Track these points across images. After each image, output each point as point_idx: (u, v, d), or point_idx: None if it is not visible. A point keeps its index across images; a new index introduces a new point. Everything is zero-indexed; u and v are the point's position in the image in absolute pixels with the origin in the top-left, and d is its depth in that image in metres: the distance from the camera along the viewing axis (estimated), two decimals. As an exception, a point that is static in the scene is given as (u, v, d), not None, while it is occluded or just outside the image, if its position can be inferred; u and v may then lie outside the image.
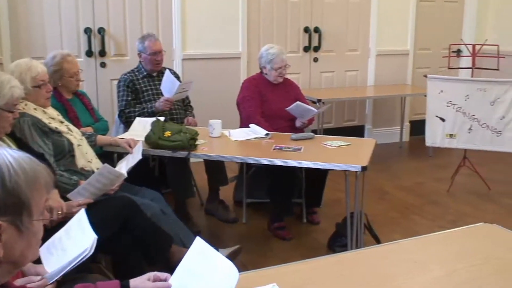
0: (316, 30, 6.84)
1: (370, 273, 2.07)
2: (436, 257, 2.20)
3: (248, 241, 4.36)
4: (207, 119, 4.48)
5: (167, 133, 3.92)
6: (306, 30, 6.79)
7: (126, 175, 3.50)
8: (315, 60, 6.92)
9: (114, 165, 3.71)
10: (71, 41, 5.69)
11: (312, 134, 4.39)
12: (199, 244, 1.88)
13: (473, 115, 5.54)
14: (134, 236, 3.17)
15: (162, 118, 4.19)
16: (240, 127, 4.70)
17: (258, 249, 4.26)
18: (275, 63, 4.70)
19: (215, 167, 4.77)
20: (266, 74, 4.79)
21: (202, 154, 4.03)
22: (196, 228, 4.36)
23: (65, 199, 3.09)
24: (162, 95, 4.69)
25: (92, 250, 2.16)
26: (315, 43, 6.86)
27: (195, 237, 1.94)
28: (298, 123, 4.74)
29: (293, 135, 4.27)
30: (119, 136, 4.21)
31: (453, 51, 7.46)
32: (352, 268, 2.11)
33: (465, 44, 6.33)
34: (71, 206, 3.02)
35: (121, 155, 3.93)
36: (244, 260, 3.92)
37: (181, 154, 3.89)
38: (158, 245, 3.29)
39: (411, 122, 7.78)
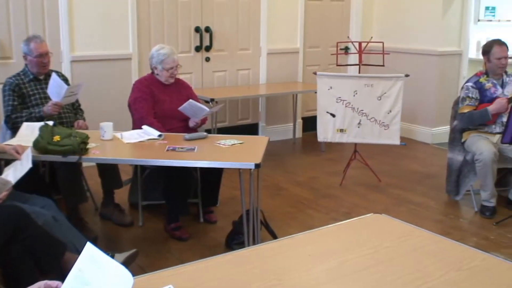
0: (207, 29, 6.84)
1: (266, 268, 2.09)
2: (330, 249, 2.27)
3: (145, 244, 4.31)
4: (98, 121, 4.37)
5: (56, 138, 3.78)
6: (197, 29, 6.78)
7: (13, 182, 3.35)
8: (207, 59, 6.92)
9: (0, 173, 3.54)
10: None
11: (205, 133, 4.38)
12: (89, 250, 1.82)
13: (362, 110, 5.73)
14: (25, 246, 3.06)
15: (50, 123, 4.04)
16: (133, 128, 4.62)
17: (155, 251, 4.21)
18: (166, 63, 4.66)
19: (108, 171, 4.66)
20: (157, 74, 4.74)
21: (94, 158, 3.93)
22: (91, 234, 4.25)
23: None
24: (50, 99, 4.53)
25: None
26: (206, 42, 6.86)
27: (92, 243, 1.88)
28: (191, 123, 4.72)
29: (186, 135, 4.25)
30: (6, 143, 4.03)
31: (341, 49, 7.71)
32: (249, 265, 2.12)
33: (352, 42, 6.55)
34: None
35: (9, 162, 3.75)
36: (141, 263, 3.87)
37: (72, 158, 3.77)
38: (50, 254, 3.18)
39: (303, 118, 7.95)
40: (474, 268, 2.12)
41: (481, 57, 5.28)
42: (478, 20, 10.06)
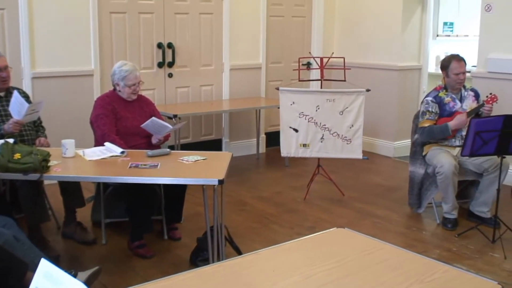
0: (170, 45, 6.83)
1: (231, 284, 2.09)
2: (294, 264, 2.27)
3: (108, 262, 4.25)
4: (60, 139, 4.31)
5: (17, 155, 3.72)
6: (160, 45, 6.77)
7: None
8: (170, 75, 6.90)
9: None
10: None
11: (168, 150, 4.36)
12: (44, 267, 1.78)
13: (324, 125, 5.78)
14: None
15: (11, 140, 3.98)
16: (95, 145, 4.57)
17: (119, 270, 4.16)
18: (128, 80, 4.63)
19: (70, 188, 4.60)
20: (119, 91, 4.71)
21: (56, 176, 3.89)
22: (54, 253, 4.19)
23: None
24: (11, 116, 4.46)
25: None
26: (169, 58, 6.85)
27: (54, 262, 1.84)
28: (154, 140, 4.70)
29: (149, 152, 4.23)
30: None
31: (303, 64, 7.78)
32: (214, 281, 2.12)
33: (313, 57, 6.61)
34: None
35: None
36: (105, 281, 3.83)
37: (33, 176, 3.72)
38: (12, 274, 3.12)
39: (266, 133, 7.98)
40: (436, 280, 2.15)
41: (440, 71, 5.38)
42: (437, 35, 10.26)
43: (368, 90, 5.83)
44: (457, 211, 5.14)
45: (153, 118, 4.52)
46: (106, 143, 4.35)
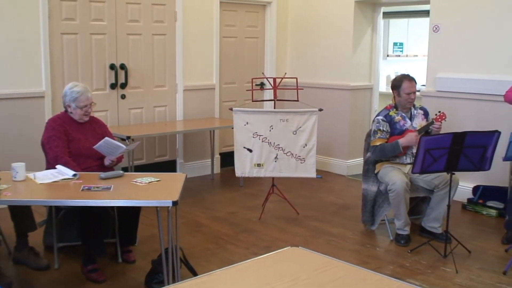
0: (122, 66, 6.79)
1: (185, 306, 2.07)
2: (249, 284, 2.27)
3: (62, 287, 4.17)
4: (10, 162, 4.23)
5: (-35, 180, 3.64)
6: (112, 67, 6.72)
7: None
8: (123, 97, 6.85)
9: None
10: None
11: (121, 172, 4.32)
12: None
13: (278, 145, 5.82)
14: None
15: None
16: (47, 168, 4.50)
17: (72, 295, 4.09)
18: (80, 101, 4.59)
19: (21, 213, 4.51)
20: (71, 113, 4.65)
21: (6, 200, 3.79)
22: (5, 280, 4.09)
23: None
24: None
25: None
26: (121, 80, 6.81)
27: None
28: (107, 162, 4.65)
29: (102, 174, 4.18)
30: None
31: (256, 84, 7.84)
32: (168, 304, 2.10)
33: (266, 78, 6.67)
34: None
35: None
36: (57, 308, 3.74)
37: (-19, 201, 3.63)
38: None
39: (221, 154, 7.98)
40: (389, 296, 2.19)
41: (390, 90, 5.49)
42: (387, 56, 10.51)
43: (320, 110, 5.90)
44: (410, 227, 5.23)
45: (106, 138, 4.48)
46: (58, 166, 4.29)
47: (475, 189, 6.33)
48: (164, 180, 4.18)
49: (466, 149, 4.56)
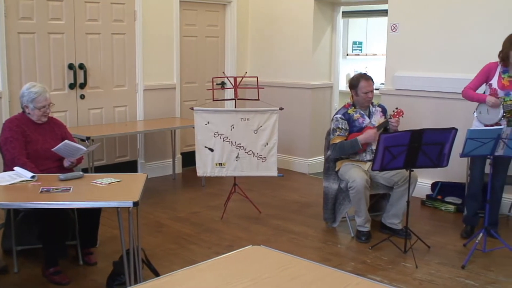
0: (81, 66, 6.71)
1: (147, 307, 2.06)
2: (210, 283, 2.27)
3: (21, 291, 4.11)
4: (-35, 165, 4.15)
5: None
6: (71, 66, 6.63)
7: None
8: (82, 97, 6.77)
9: None
10: None
11: (81, 173, 4.27)
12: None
13: (239, 144, 5.82)
14: None
15: None
16: (4, 170, 4.43)
17: (31, 299, 4.03)
18: (38, 102, 4.52)
19: (-23, 216, 4.42)
20: (29, 113, 4.58)
21: (-39, 203, 3.72)
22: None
23: None
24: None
25: None
26: (80, 79, 6.72)
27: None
28: (66, 163, 4.59)
29: (61, 176, 4.13)
30: None
31: (217, 84, 7.84)
32: (129, 305, 2.09)
33: (227, 77, 6.67)
34: None
35: None
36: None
37: None
38: None
39: (182, 154, 7.95)
40: (349, 292, 2.21)
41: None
42: (347, 55, 10.60)
43: (281, 109, 5.93)
44: (370, 224, 5.29)
45: (66, 141, 4.42)
46: (16, 168, 4.22)
47: (434, 185, 6.44)
48: (124, 180, 4.14)
49: (424, 146, 4.64)
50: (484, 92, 5.27)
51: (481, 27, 6.07)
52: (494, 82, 5.16)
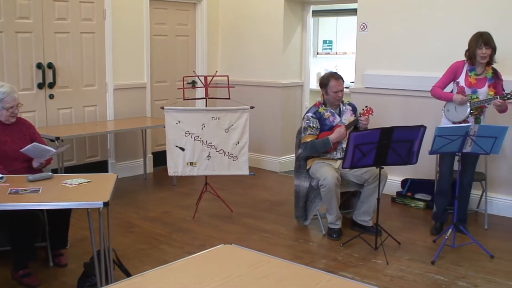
0: (50, 66, 6.63)
1: (118, 308, 2.06)
2: (182, 283, 2.27)
3: (-10, 294, 4.06)
4: None
5: None
6: (39, 66, 6.55)
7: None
8: (51, 97, 6.69)
9: None
10: None
11: (50, 174, 4.23)
12: None
13: (211, 143, 5.82)
14: None
15: None
16: (-29, 172, 4.36)
17: (1, 302, 3.98)
18: (6, 102, 4.45)
19: None
20: (-3, 114, 4.52)
21: None
22: None
23: None
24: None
25: None
26: (49, 79, 6.65)
27: None
28: (35, 164, 4.54)
29: (30, 177, 4.08)
30: None
31: (188, 83, 7.82)
32: (100, 306, 2.08)
33: (198, 76, 6.65)
34: None
35: None
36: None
37: None
38: None
39: (153, 153, 7.91)
40: (321, 289, 2.23)
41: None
42: (317, 53, 10.65)
43: (252, 107, 5.94)
44: (341, 221, 5.34)
45: (35, 143, 4.38)
46: (-17, 169, 4.16)
47: (404, 183, 6.52)
48: (94, 181, 4.11)
49: (394, 144, 4.69)
50: (452, 90, 5.35)
51: (448, 26, 6.16)
52: (461, 80, 5.24)
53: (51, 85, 6.68)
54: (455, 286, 4.29)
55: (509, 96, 4.99)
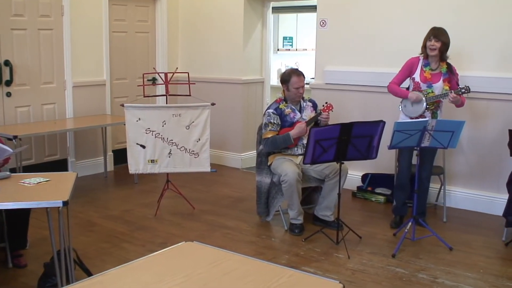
0: (7, 63, 6.51)
1: (78, 308, 2.04)
2: (143, 281, 2.26)
3: None
4: None
5: None
6: (-5, 64, 6.45)
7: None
8: (8, 94, 6.58)
9: None
10: None
11: (8, 173, 4.15)
12: None
13: (172, 140, 5.80)
14: None
15: None
16: None
17: (-42, 304, 3.90)
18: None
19: None
20: (-49, 113, 4.42)
21: None
22: None
23: None
24: None
25: None
26: (6, 77, 6.52)
27: None
28: (-8, 163, 4.46)
29: (-13, 176, 4.01)
30: None
31: (148, 80, 7.77)
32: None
33: (158, 73, 6.61)
34: None
35: None
36: None
37: None
38: None
39: (114, 151, 7.84)
40: (282, 285, 2.24)
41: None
42: (278, 50, 10.70)
43: (213, 104, 5.94)
44: (303, 217, 5.37)
45: (-9, 142, 4.30)
46: None
47: (364, 177, 6.60)
48: (53, 180, 4.06)
49: (353, 139, 4.74)
50: (408, 86, 5.42)
51: (406, 22, 6.25)
52: (417, 75, 5.32)
53: (8, 83, 6.56)
54: (415, 278, 4.36)
55: (463, 90, 5.10)
